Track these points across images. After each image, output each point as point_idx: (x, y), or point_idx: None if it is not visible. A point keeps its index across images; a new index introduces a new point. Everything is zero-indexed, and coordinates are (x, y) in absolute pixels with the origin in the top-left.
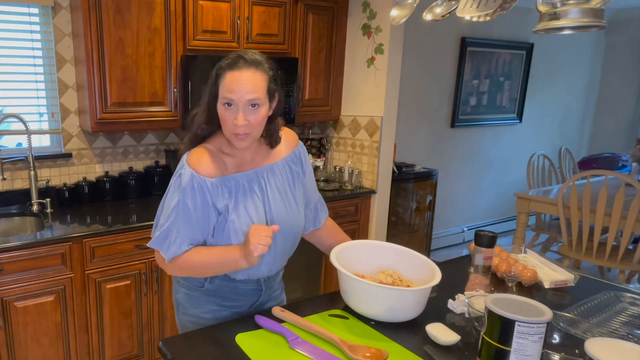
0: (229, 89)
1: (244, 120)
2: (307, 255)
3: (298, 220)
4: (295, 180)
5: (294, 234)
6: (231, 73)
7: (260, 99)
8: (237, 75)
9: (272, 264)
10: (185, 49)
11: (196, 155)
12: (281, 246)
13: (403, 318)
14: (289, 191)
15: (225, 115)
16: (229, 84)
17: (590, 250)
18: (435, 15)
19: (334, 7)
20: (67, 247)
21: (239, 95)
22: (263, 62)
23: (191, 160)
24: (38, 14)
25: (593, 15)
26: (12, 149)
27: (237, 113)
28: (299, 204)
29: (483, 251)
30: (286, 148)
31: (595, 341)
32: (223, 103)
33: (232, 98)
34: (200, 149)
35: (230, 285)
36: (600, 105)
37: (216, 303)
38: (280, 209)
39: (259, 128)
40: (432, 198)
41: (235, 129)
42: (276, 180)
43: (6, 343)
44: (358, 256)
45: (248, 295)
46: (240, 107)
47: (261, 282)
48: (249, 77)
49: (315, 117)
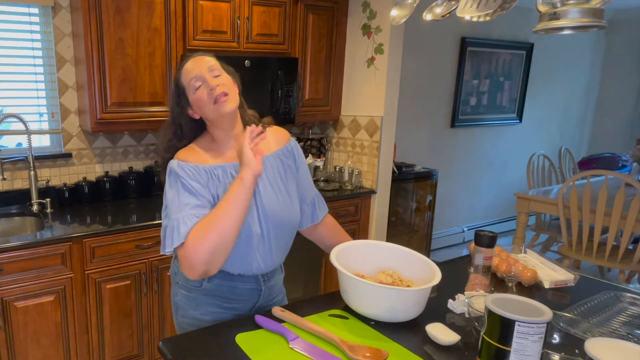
0: (190, 70)
1: (215, 81)
2: (307, 255)
3: (292, 213)
4: (288, 173)
5: (289, 228)
6: (186, 64)
7: (218, 67)
8: (190, 62)
9: (267, 258)
10: (185, 49)
11: (183, 152)
12: (276, 239)
13: (403, 318)
14: (280, 183)
15: (200, 95)
16: (188, 67)
17: (590, 250)
18: (435, 15)
19: (334, 7)
20: (67, 247)
21: (200, 67)
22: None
23: (178, 155)
24: (38, 14)
25: (593, 15)
26: (12, 149)
27: (206, 82)
28: (293, 198)
29: (483, 251)
30: (276, 144)
31: (595, 341)
32: (193, 90)
33: (195, 74)
34: (185, 149)
35: (228, 284)
36: (600, 105)
37: (215, 304)
38: (271, 199)
39: (233, 91)
40: (432, 198)
41: (213, 93)
42: (266, 172)
43: (6, 343)
44: (358, 256)
45: (247, 296)
46: (206, 75)
47: (260, 281)
48: (199, 57)
49: (315, 117)
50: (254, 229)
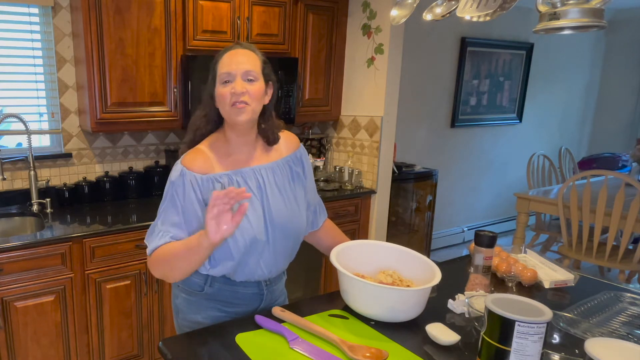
0: (226, 64)
1: (243, 87)
2: (307, 255)
3: (299, 220)
4: (296, 180)
5: (295, 235)
6: (228, 53)
7: (256, 73)
8: (234, 52)
9: (272, 265)
10: (185, 49)
11: (190, 154)
12: (281, 247)
13: (403, 318)
14: (289, 190)
15: (223, 92)
16: (226, 60)
17: (590, 250)
18: (435, 15)
19: (334, 7)
20: (67, 247)
21: (236, 67)
22: (256, 49)
23: (184, 159)
24: (38, 14)
25: (593, 15)
26: (12, 149)
27: (235, 82)
28: (300, 205)
29: (483, 251)
30: (286, 149)
31: (595, 341)
32: (222, 82)
33: (229, 71)
34: (195, 150)
35: (230, 288)
36: (600, 105)
37: (217, 308)
38: (280, 208)
39: (257, 102)
40: (432, 198)
41: (235, 97)
42: (276, 178)
43: (6, 343)
44: (358, 256)
45: (249, 300)
46: (238, 77)
47: (262, 286)
48: (245, 53)
49: (315, 117)
50: (259, 237)
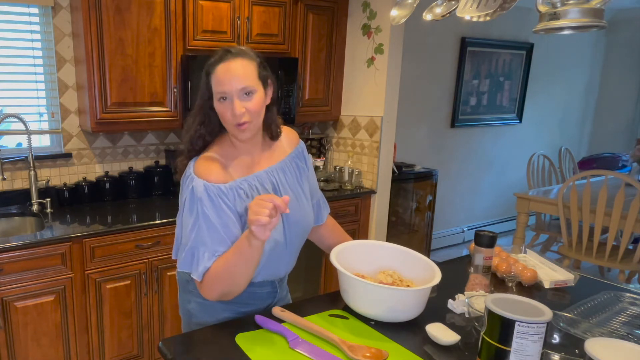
0: (220, 82)
1: (241, 108)
2: (307, 255)
3: (309, 215)
4: (302, 176)
5: (305, 231)
6: (220, 66)
7: (253, 85)
8: (226, 67)
9: (289, 264)
10: (185, 49)
11: (203, 165)
12: (296, 244)
13: (403, 318)
14: (298, 187)
15: (223, 110)
16: (220, 77)
17: (590, 250)
18: (435, 15)
19: (334, 7)
20: (67, 247)
21: (231, 86)
22: (249, 51)
23: (199, 171)
24: (38, 14)
25: (593, 15)
26: (12, 149)
27: (233, 103)
28: (308, 200)
29: (483, 251)
30: (289, 145)
31: (595, 341)
32: (218, 98)
33: (224, 90)
34: (204, 159)
35: (248, 289)
36: (600, 105)
37: (232, 310)
38: (294, 206)
39: (258, 116)
40: (432, 198)
41: (235, 119)
42: (287, 178)
43: (6, 343)
44: (358, 256)
45: (264, 299)
46: (235, 97)
47: (276, 283)
48: (238, 66)
49: (315, 117)
50: (278, 239)
